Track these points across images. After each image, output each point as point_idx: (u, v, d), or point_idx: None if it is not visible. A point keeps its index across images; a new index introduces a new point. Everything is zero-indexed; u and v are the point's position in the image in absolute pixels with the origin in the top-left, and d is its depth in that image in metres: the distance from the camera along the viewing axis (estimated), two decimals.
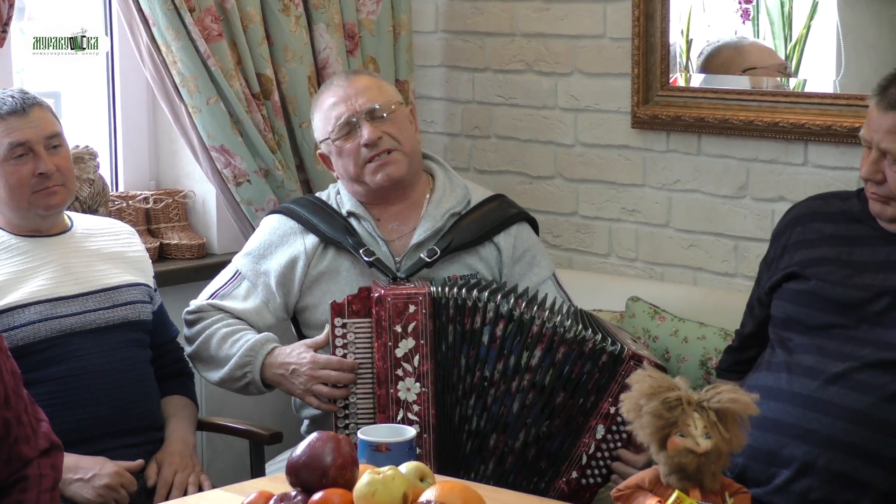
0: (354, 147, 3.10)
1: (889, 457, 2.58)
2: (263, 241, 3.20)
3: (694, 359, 3.23)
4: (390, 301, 2.87)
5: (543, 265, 3.19)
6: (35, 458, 2.52)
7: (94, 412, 2.96)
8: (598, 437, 2.84)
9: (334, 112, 3.13)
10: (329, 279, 3.13)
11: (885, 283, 2.70)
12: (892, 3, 3.32)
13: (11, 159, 2.93)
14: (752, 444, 2.03)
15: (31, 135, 2.94)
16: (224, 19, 3.48)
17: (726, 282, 3.54)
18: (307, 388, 2.96)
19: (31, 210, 2.98)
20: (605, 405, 2.83)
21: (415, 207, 3.18)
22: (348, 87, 3.16)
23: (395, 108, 3.15)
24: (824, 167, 3.35)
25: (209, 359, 3.12)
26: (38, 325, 2.94)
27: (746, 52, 3.59)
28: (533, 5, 3.83)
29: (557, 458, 2.86)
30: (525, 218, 3.24)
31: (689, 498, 1.92)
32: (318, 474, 2.07)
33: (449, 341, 2.88)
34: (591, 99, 3.76)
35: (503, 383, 2.86)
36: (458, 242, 3.11)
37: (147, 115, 3.85)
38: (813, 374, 2.69)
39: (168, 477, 2.99)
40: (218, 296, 3.17)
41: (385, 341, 2.86)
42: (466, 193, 3.21)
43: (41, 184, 2.95)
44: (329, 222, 3.15)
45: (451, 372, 2.88)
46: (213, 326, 3.12)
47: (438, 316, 2.88)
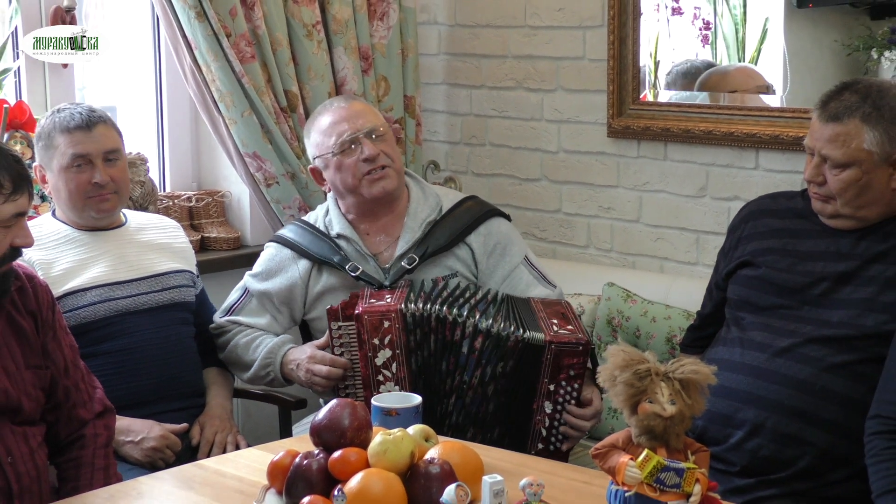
0: (354, 161, 3.05)
1: (827, 419, 2.58)
2: (264, 268, 3.17)
3: (661, 336, 3.22)
4: (367, 319, 2.82)
5: (514, 253, 3.13)
6: (91, 420, 2.53)
7: (146, 381, 2.97)
8: (549, 412, 2.83)
9: (336, 129, 3.08)
10: (330, 294, 3.09)
11: (824, 270, 2.70)
12: (829, 31, 3.33)
13: (73, 167, 2.92)
14: (710, 408, 2.02)
15: (92, 149, 2.94)
16: (256, 43, 3.47)
17: (689, 269, 3.53)
18: (308, 379, 2.96)
19: (85, 212, 2.98)
20: (542, 385, 2.82)
21: (398, 218, 3.13)
22: (349, 109, 3.12)
23: (386, 131, 3.12)
24: (773, 171, 3.34)
25: (236, 362, 3.12)
26: (97, 306, 2.94)
27: (731, 76, 3.58)
28: (522, 31, 3.82)
29: (522, 438, 2.85)
30: (493, 214, 3.18)
31: (657, 455, 1.91)
32: (338, 435, 2.07)
33: (431, 349, 2.85)
34: (572, 112, 3.75)
35: (480, 387, 2.84)
36: (433, 248, 3.06)
37: (190, 126, 3.84)
38: (762, 348, 2.69)
39: (209, 437, 2.99)
40: (234, 311, 3.16)
41: (366, 352, 2.84)
42: (438, 201, 3.16)
43: (95, 191, 2.95)
44: (317, 245, 3.10)
45: (433, 375, 2.85)
46: (235, 338, 3.12)
47: (419, 327, 2.84)
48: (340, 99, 3.28)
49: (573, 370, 2.81)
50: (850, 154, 2.61)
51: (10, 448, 2.33)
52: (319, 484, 2.01)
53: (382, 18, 3.75)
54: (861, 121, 2.60)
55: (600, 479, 2.07)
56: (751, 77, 3.53)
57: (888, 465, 2.39)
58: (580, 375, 2.83)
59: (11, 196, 2.29)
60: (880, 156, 2.61)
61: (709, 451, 2.00)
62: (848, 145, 2.61)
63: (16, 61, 3.36)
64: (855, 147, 2.61)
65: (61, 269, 2.92)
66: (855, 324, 2.62)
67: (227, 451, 2.91)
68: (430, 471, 1.99)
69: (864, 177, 2.62)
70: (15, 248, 2.34)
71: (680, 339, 3.14)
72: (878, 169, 2.62)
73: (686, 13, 3.57)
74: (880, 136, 2.60)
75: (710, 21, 3.55)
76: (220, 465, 2.39)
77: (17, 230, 2.33)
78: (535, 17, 3.79)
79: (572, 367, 2.81)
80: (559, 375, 2.81)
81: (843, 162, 2.62)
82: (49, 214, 3.06)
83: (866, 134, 2.60)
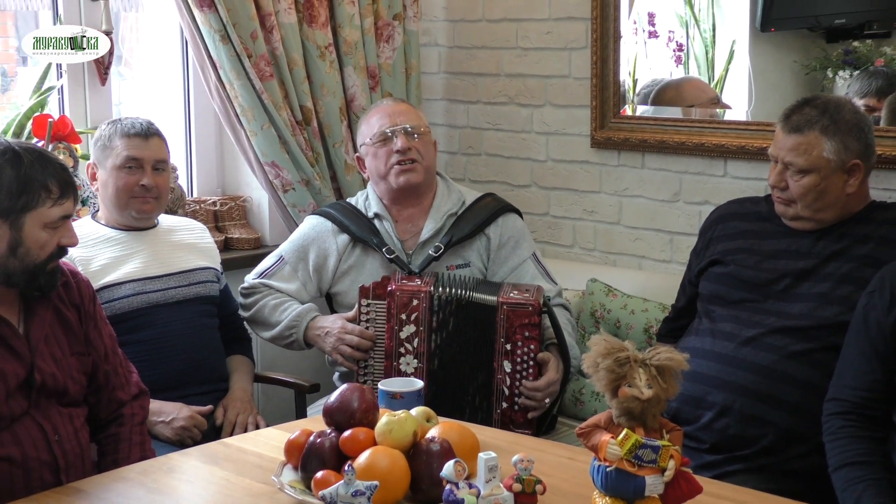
0: (388, 151, 3.09)
1: (788, 402, 2.58)
2: (305, 235, 3.18)
3: (639, 326, 3.22)
4: (398, 295, 2.87)
5: (524, 247, 3.16)
6: (128, 401, 2.53)
7: (175, 367, 2.97)
8: (509, 371, 2.85)
9: (379, 122, 3.13)
10: (356, 271, 3.11)
11: (786, 268, 2.70)
12: (789, 53, 3.33)
13: (124, 168, 2.94)
14: (683, 392, 2.02)
15: (145, 155, 2.96)
16: (274, 63, 3.47)
17: (664, 267, 3.53)
18: (335, 347, 2.97)
19: (127, 210, 2.98)
20: (499, 344, 2.85)
21: (424, 211, 3.15)
22: (393, 108, 3.17)
23: (424, 133, 3.14)
24: (739, 178, 3.34)
25: (262, 322, 3.12)
26: (130, 298, 2.94)
27: (685, 90, 3.58)
28: (514, 52, 3.82)
29: (487, 395, 2.87)
30: (510, 209, 3.21)
31: (635, 434, 1.91)
32: (348, 416, 2.07)
33: (450, 330, 2.88)
34: (559, 125, 3.75)
35: (459, 353, 2.90)
36: (456, 238, 3.09)
37: (215, 138, 3.83)
38: (730, 337, 2.69)
39: (232, 418, 2.99)
40: (266, 275, 3.16)
41: (393, 325, 2.87)
42: (461, 197, 3.19)
43: (140, 193, 2.97)
44: (358, 224, 3.13)
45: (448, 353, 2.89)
46: (264, 298, 3.12)
47: (443, 309, 2.87)
48: (390, 99, 3.37)
49: (528, 331, 2.84)
50: (811, 161, 2.62)
51: (57, 427, 2.33)
52: (331, 460, 2.01)
53: (388, 41, 3.75)
54: (820, 132, 2.61)
55: (584, 456, 2.06)
56: (703, 90, 3.53)
57: (843, 443, 2.39)
58: (534, 338, 2.86)
59: (59, 200, 2.30)
60: (836, 163, 2.62)
61: (682, 431, 1.99)
62: (809, 154, 2.61)
63: (59, 80, 3.36)
64: (815, 155, 2.61)
65: (99, 265, 2.92)
66: (813, 315, 2.62)
67: (248, 430, 2.91)
68: (431, 448, 1.99)
69: (823, 182, 2.63)
70: (62, 247, 2.34)
71: (656, 329, 3.14)
72: (835, 175, 2.63)
73: (661, 36, 3.57)
74: (837, 145, 2.61)
75: (682, 43, 3.55)
76: (241, 443, 2.39)
77: (64, 231, 2.34)
78: (526, 40, 3.79)
79: (526, 328, 2.84)
80: (514, 336, 2.85)
81: (805, 168, 2.62)
82: (89, 217, 3.06)
83: (825, 144, 2.61)
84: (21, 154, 2.27)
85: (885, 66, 3.08)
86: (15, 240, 2.27)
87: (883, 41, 3.12)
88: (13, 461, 2.26)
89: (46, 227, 2.29)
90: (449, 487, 1.86)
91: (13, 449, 2.26)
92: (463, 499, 1.85)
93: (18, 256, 2.27)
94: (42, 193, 2.27)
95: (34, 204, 2.27)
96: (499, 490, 1.90)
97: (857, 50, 3.16)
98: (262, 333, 3.15)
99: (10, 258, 2.27)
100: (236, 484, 2.15)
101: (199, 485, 2.21)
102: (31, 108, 3.18)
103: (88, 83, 3.43)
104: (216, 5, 3.30)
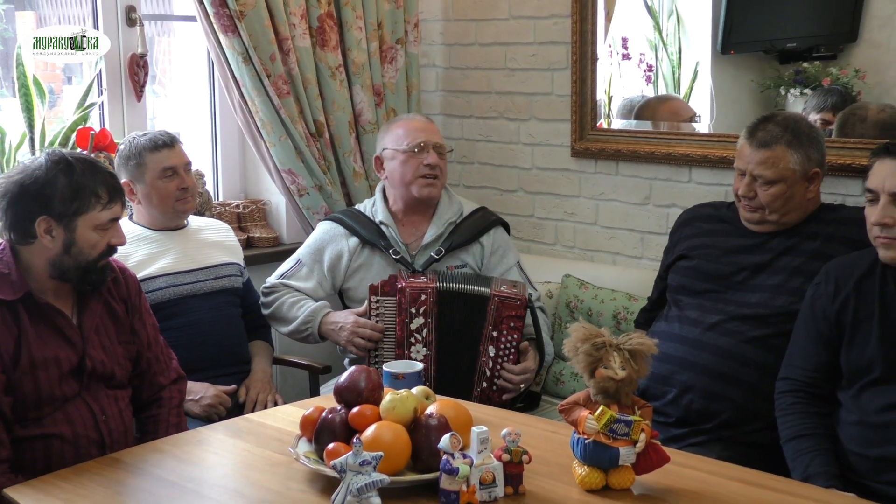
0: (418, 162, 3.06)
1: (745, 381, 2.58)
2: (319, 239, 3.17)
3: (608, 314, 3.23)
4: (408, 291, 2.87)
5: (510, 257, 3.16)
6: (167, 385, 2.53)
7: (203, 351, 2.96)
8: (493, 355, 2.85)
9: (415, 133, 3.09)
10: (365, 270, 3.10)
11: (743, 262, 2.71)
12: (747, 73, 3.33)
13: (164, 178, 2.94)
14: (652, 371, 2.02)
15: (177, 162, 2.96)
16: (290, 82, 3.46)
17: (636, 262, 3.53)
18: (349, 340, 2.95)
19: (173, 212, 2.99)
20: (487, 330, 2.84)
21: (426, 218, 3.14)
22: (428, 125, 3.16)
23: (445, 152, 3.14)
24: (703, 184, 3.33)
25: (281, 318, 3.10)
26: (164, 290, 2.93)
27: (667, 108, 3.58)
28: (503, 73, 3.81)
29: (470, 374, 2.88)
30: (501, 223, 3.21)
31: (610, 410, 1.91)
32: (356, 394, 2.07)
33: (450, 319, 2.88)
34: (542, 137, 3.74)
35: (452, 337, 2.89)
36: (456, 243, 3.09)
37: (238, 148, 3.82)
38: (695, 323, 2.70)
39: (253, 396, 2.99)
40: (286, 276, 3.15)
41: (403, 318, 2.86)
42: (460, 207, 3.18)
43: (182, 195, 2.98)
44: (366, 228, 3.12)
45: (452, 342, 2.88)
46: (283, 297, 3.11)
47: (447, 304, 2.87)
48: (420, 115, 3.35)
49: (513, 322, 2.85)
50: (779, 173, 2.62)
51: (104, 408, 2.33)
52: (341, 433, 2.01)
53: (392, 62, 3.74)
54: (786, 146, 2.62)
55: (565, 430, 2.07)
56: (684, 109, 3.53)
57: (793, 418, 2.39)
58: (518, 329, 2.86)
59: (108, 205, 2.30)
60: (801, 172, 2.63)
61: (651, 407, 2.00)
62: (777, 166, 2.62)
63: (100, 97, 3.36)
64: (782, 167, 2.62)
65: (135, 260, 2.91)
66: (768, 304, 2.62)
67: (267, 407, 2.90)
68: (429, 423, 1.98)
69: (789, 190, 2.64)
70: (111, 246, 2.34)
71: (624, 315, 3.16)
72: (799, 183, 2.64)
73: (633, 58, 3.57)
74: (801, 157, 2.63)
75: (652, 64, 3.55)
76: (262, 419, 2.39)
77: (113, 232, 2.34)
78: (513, 62, 3.78)
79: (513, 319, 2.84)
80: (501, 325, 2.85)
81: (773, 179, 2.63)
82: (127, 218, 3.05)
83: (791, 156, 2.62)
84: (73, 163, 2.27)
85: (833, 84, 3.09)
86: (69, 240, 2.27)
87: (829, 62, 3.12)
88: (65, 438, 2.26)
89: (97, 228, 2.29)
90: (445, 457, 1.87)
91: (65, 427, 2.27)
92: (458, 468, 1.85)
93: (72, 255, 2.28)
94: (93, 199, 2.27)
95: (86, 208, 2.27)
96: (490, 460, 1.90)
97: (806, 70, 3.17)
98: (280, 329, 3.14)
99: (64, 256, 2.27)
100: (257, 455, 2.15)
101: (225, 455, 2.21)
102: (76, 121, 3.17)
103: (126, 100, 3.41)
104: (239, 31, 3.29)
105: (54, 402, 2.26)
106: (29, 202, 2.24)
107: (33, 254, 2.27)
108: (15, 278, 2.25)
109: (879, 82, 3.03)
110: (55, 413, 2.26)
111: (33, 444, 2.24)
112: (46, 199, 2.24)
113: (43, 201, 2.24)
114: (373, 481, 1.82)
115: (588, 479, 1.93)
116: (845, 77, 3.08)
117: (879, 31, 3.01)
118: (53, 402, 2.26)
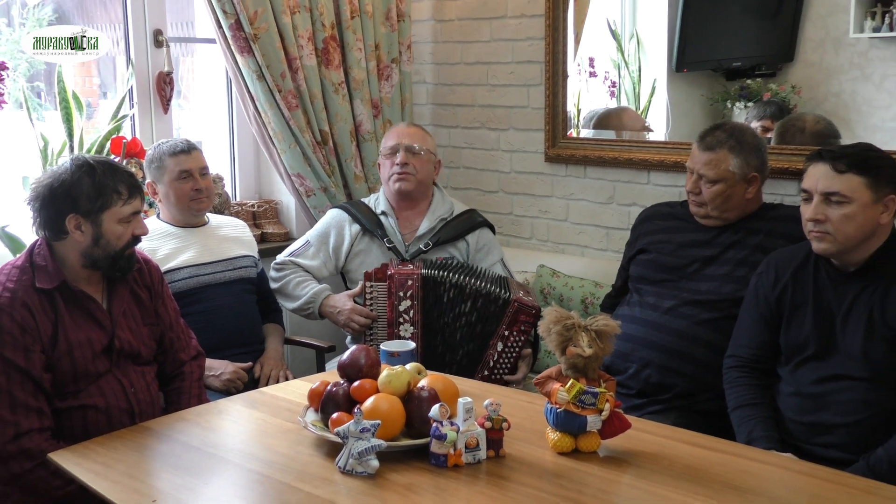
0: (390, 163, 3.08)
1: (697, 358, 2.59)
2: (327, 223, 3.17)
3: (577, 299, 3.23)
4: (397, 278, 2.84)
5: (495, 254, 3.14)
6: (188, 361, 2.52)
7: (222, 333, 2.95)
8: (499, 350, 2.84)
9: (390, 139, 3.12)
10: (364, 254, 3.09)
11: (695, 255, 2.71)
12: (698, 88, 3.33)
13: (179, 180, 2.92)
14: (616, 349, 2.03)
15: (193, 166, 2.94)
16: (299, 97, 3.45)
17: (601, 254, 3.53)
18: (346, 323, 2.95)
19: (188, 211, 2.97)
20: (501, 329, 2.82)
21: (421, 213, 3.13)
22: (405, 129, 3.14)
23: (425, 154, 3.10)
24: (660, 185, 3.34)
25: (287, 294, 3.10)
26: (187, 280, 2.92)
27: (624, 118, 3.58)
28: (485, 88, 3.81)
29: (475, 362, 2.85)
30: (486, 225, 3.19)
31: (579, 383, 1.91)
32: (357, 370, 2.06)
33: (437, 300, 2.85)
34: (519, 144, 3.74)
35: (458, 325, 2.85)
36: (443, 238, 3.08)
37: (253, 154, 3.81)
38: (653, 308, 2.70)
39: (267, 372, 2.98)
40: (295, 255, 3.15)
41: (393, 301, 2.84)
42: (451, 206, 3.17)
43: (196, 196, 2.95)
44: (368, 218, 3.11)
45: (435, 319, 2.85)
46: (291, 275, 3.10)
47: (432, 287, 2.84)
48: (405, 123, 3.33)
49: (524, 326, 2.82)
50: (720, 174, 2.62)
51: (133, 382, 2.33)
52: (344, 404, 2.00)
53: (388, 79, 3.73)
54: (728, 151, 2.62)
55: (540, 400, 2.07)
56: (637, 119, 3.54)
57: (738, 390, 2.40)
58: (527, 332, 2.83)
59: (128, 200, 2.29)
60: (740, 175, 2.63)
61: (615, 381, 2.00)
62: (718, 167, 2.62)
63: (131, 109, 3.34)
64: (723, 169, 2.62)
65: (162, 254, 2.90)
66: (717, 292, 2.62)
67: (279, 381, 2.90)
68: (421, 395, 1.98)
69: (728, 189, 2.64)
70: (135, 236, 2.33)
71: (591, 300, 3.16)
72: (738, 185, 2.64)
73: (599, 75, 3.57)
74: (741, 161, 2.62)
75: (615, 81, 3.55)
76: (275, 392, 2.39)
77: (136, 224, 2.32)
78: (494, 79, 3.78)
79: (524, 324, 2.82)
80: (514, 327, 2.82)
81: (715, 179, 2.63)
82: (154, 217, 3.04)
83: (732, 160, 2.62)
84: (95, 166, 2.26)
85: (773, 97, 3.10)
86: (97, 234, 2.26)
87: (769, 79, 3.13)
88: (98, 409, 2.26)
89: (121, 221, 2.28)
90: (435, 425, 1.87)
91: (98, 399, 2.26)
92: (446, 434, 1.85)
93: (101, 246, 2.27)
94: (114, 196, 2.26)
95: (109, 204, 2.25)
96: (474, 427, 1.90)
97: (749, 86, 3.17)
98: (286, 304, 3.13)
99: (94, 248, 2.26)
100: (271, 423, 2.15)
101: (242, 424, 2.21)
102: (110, 131, 3.16)
103: (154, 112, 3.40)
104: (253, 51, 3.28)
105: (89, 377, 2.25)
106: (58, 203, 2.23)
107: (66, 248, 2.26)
108: (51, 270, 2.24)
109: (812, 97, 3.04)
110: (90, 387, 2.25)
111: (71, 414, 2.23)
112: (74, 199, 2.23)
113: (71, 201, 2.23)
114: (372, 446, 1.83)
115: (560, 443, 1.93)
116: (783, 92, 3.10)
117: (813, 53, 3.02)
118: (88, 377, 2.25)
